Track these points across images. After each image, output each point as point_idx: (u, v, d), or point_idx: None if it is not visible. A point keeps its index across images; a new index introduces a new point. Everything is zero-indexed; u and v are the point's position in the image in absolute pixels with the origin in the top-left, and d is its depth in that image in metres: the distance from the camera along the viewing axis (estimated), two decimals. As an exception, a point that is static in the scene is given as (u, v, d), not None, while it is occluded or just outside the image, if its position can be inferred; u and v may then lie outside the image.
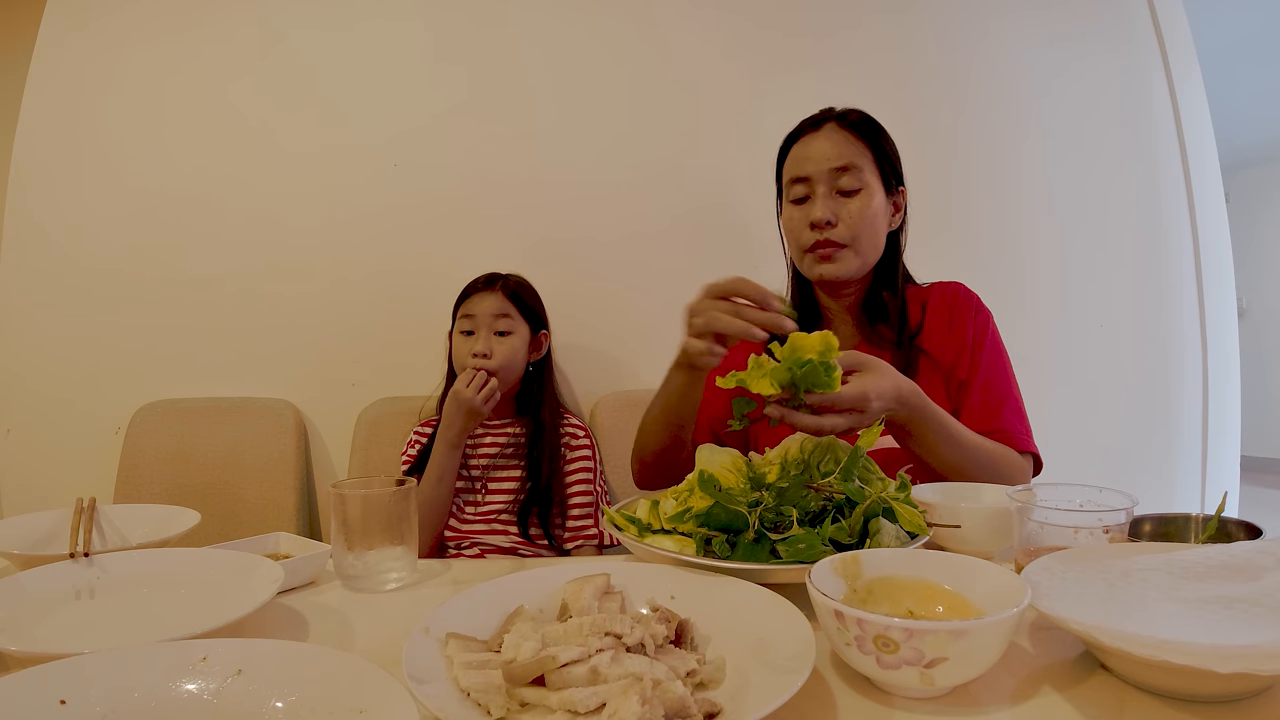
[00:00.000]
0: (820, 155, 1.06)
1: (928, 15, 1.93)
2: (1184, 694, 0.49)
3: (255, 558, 0.73)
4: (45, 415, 1.70)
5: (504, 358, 1.36)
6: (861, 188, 1.05)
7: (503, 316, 1.38)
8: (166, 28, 1.75)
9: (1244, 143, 4.60)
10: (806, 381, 0.75)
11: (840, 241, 1.05)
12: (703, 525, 0.70)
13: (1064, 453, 1.04)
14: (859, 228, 1.05)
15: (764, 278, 1.49)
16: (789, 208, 1.10)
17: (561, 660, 0.47)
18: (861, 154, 1.06)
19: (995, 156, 1.94)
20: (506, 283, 1.42)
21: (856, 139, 1.06)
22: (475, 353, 1.34)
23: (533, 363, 1.44)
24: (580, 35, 1.82)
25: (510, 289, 1.41)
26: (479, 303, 1.39)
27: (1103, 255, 1.97)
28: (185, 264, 1.73)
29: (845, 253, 1.06)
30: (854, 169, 1.05)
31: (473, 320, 1.38)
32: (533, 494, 1.35)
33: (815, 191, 1.06)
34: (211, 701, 0.48)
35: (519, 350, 1.39)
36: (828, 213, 1.04)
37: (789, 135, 1.13)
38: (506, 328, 1.38)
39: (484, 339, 1.36)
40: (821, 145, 1.06)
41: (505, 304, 1.39)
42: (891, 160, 1.09)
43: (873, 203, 1.05)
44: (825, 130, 1.08)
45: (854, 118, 1.08)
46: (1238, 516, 0.75)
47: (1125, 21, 2.02)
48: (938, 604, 0.58)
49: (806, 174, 1.06)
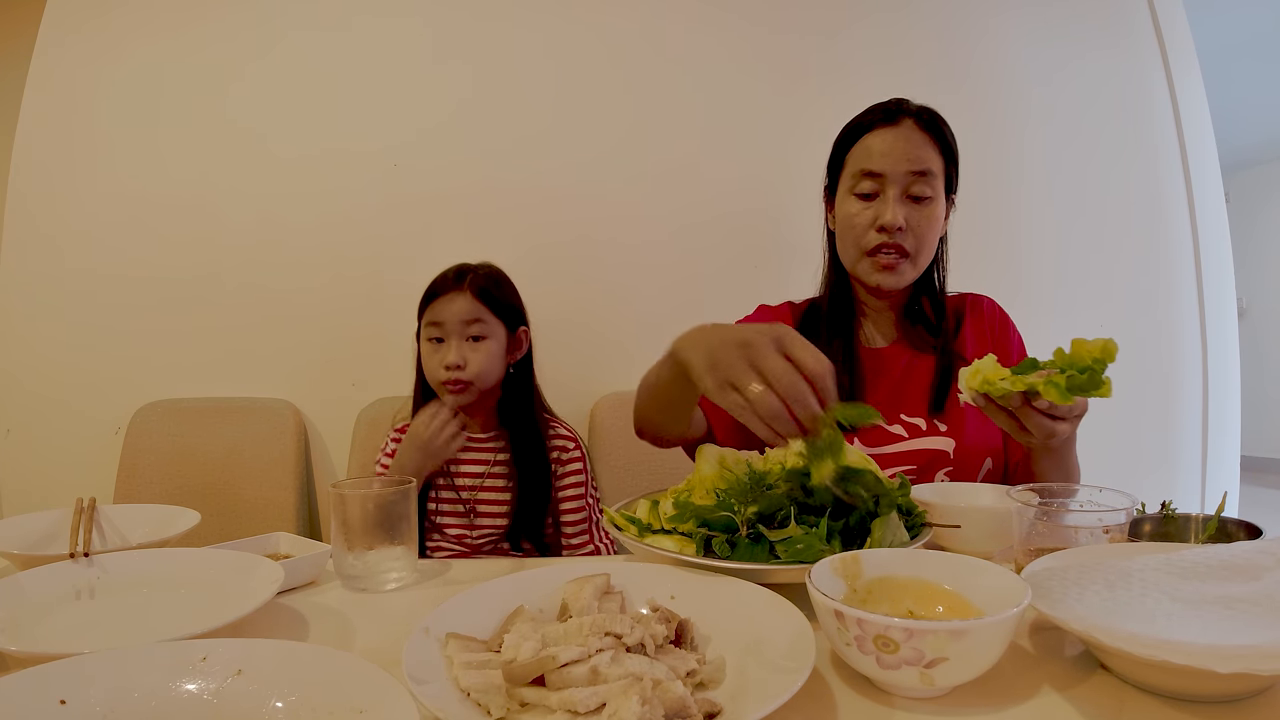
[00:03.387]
0: (899, 154, 1.00)
1: (928, 13, 1.92)
2: (1184, 694, 0.49)
3: (255, 558, 0.73)
4: (45, 416, 1.70)
5: (480, 367, 1.22)
6: (933, 196, 1.01)
7: (475, 321, 1.22)
8: (166, 28, 1.75)
9: (1244, 143, 4.60)
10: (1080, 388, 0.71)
11: (906, 250, 1.01)
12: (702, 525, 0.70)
13: (1064, 453, 1.04)
14: (925, 238, 1.02)
15: (763, 276, 1.48)
16: (853, 201, 1.04)
17: (561, 660, 0.47)
18: (936, 160, 1.02)
19: (995, 156, 1.94)
20: (476, 278, 1.25)
21: (932, 142, 1.02)
22: (447, 364, 1.21)
23: (513, 365, 1.30)
24: (581, 34, 1.82)
25: (480, 286, 1.24)
26: (446, 306, 1.23)
27: (1102, 255, 1.97)
28: (186, 264, 1.73)
29: (906, 263, 1.02)
30: (929, 176, 1.00)
31: (441, 327, 1.23)
32: (525, 518, 1.25)
33: (886, 192, 1.01)
34: (211, 701, 0.48)
35: (496, 356, 1.24)
36: (899, 218, 1.00)
37: (858, 122, 1.07)
38: (480, 332, 1.23)
39: (455, 348, 1.21)
40: (900, 144, 1.01)
41: (476, 306, 1.23)
42: (955, 168, 1.06)
43: (939, 212, 1.03)
44: (904, 127, 1.02)
45: (927, 117, 1.03)
46: (1238, 516, 0.75)
47: (1125, 21, 2.02)
48: (938, 604, 0.58)
49: (881, 170, 1.01)
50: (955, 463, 1.03)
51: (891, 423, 1.05)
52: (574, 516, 1.29)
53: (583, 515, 1.29)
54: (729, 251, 1.81)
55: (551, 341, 1.78)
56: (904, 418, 1.06)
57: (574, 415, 1.74)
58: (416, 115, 1.78)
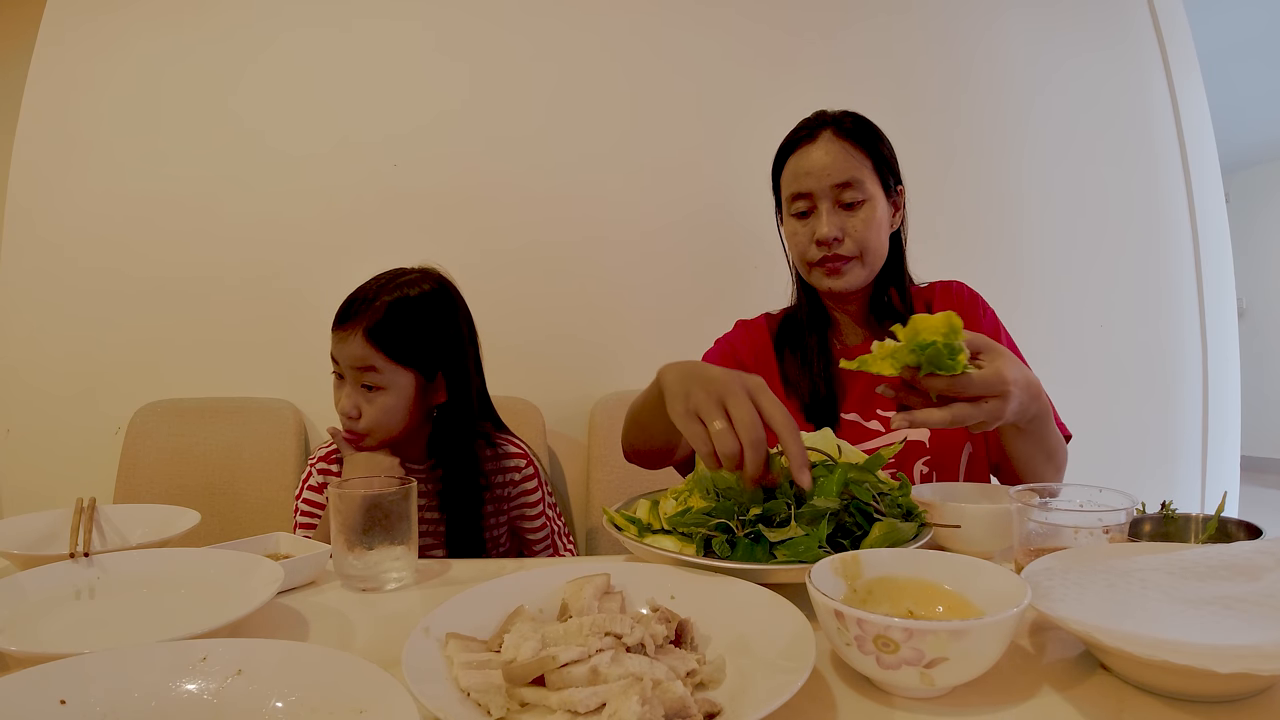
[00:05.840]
0: (820, 170, 1.04)
1: (929, 13, 1.93)
2: (1184, 694, 0.49)
3: (255, 558, 0.73)
4: (45, 415, 1.70)
5: (373, 421, 1.04)
6: (865, 199, 1.04)
7: (367, 369, 1.03)
8: (166, 27, 1.75)
9: (1244, 143, 4.60)
10: (930, 365, 0.70)
11: (847, 255, 1.05)
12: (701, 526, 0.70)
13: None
14: (865, 240, 1.04)
15: (764, 276, 1.49)
16: (791, 221, 1.09)
17: (561, 660, 0.47)
18: (861, 164, 1.04)
19: (994, 155, 1.94)
20: (373, 315, 1.03)
21: (855, 148, 1.05)
22: (342, 411, 1.06)
23: (438, 407, 1.12)
24: (579, 33, 1.82)
25: (374, 328, 1.02)
26: (339, 345, 1.05)
27: (1102, 255, 1.97)
28: (185, 263, 1.73)
29: (852, 265, 1.05)
30: (855, 183, 1.03)
31: (338, 365, 1.07)
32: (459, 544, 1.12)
33: (818, 207, 1.05)
34: (211, 701, 0.48)
35: (395, 410, 1.05)
36: (834, 229, 1.03)
37: (784, 144, 1.11)
38: (374, 382, 1.03)
39: (347, 395, 1.05)
40: (820, 159, 1.04)
41: (368, 352, 1.02)
42: (889, 163, 1.08)
43: (876, 213, 1.05)
44: (822, 141, 1.05)
45: (849, 124, 1.06)
46: (1238, 516, 0.75)
47: (1125, 21, 2.02)
48: (938, 604, 0.58)
49: (807, 190, 1.05)
50: (933, 451, 1.05)
51: (868, 419, 1.08)
52: (537, 535, 1.23)
53: (545, 531, 1.23)
54: (729, 251, 1.81)
55: (551, 342, 1.79)
56: (879, 413, 1.08)
57: (573, 416, 1.74)
58: (416, 114, 1.78)
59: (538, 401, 1.67)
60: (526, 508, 1.22)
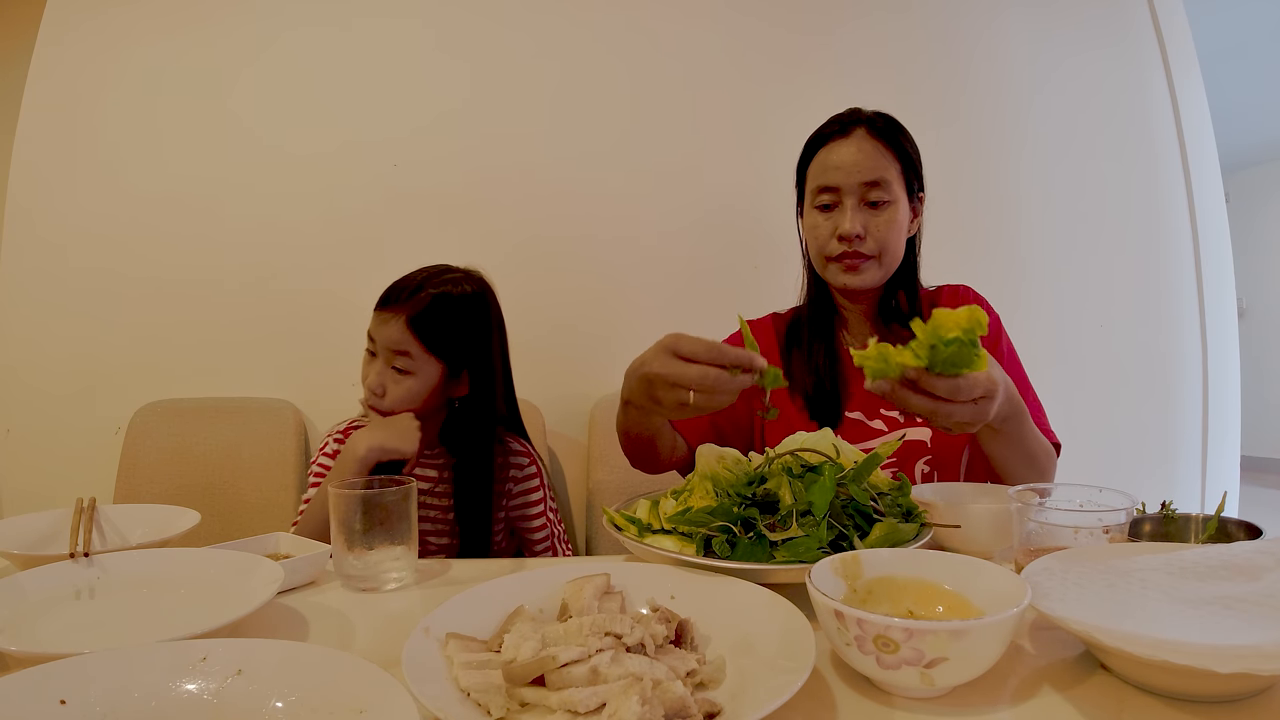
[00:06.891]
0: (851, 166, 1.04)
1: (928, 12, 1.92)
2: (1184, 694, 0.49)
3: (255, 558, 0.73)
4: (45, 415, 1.70)
5: (397, 401, 1.10)
6: (890, 201, 1.05)
7: (400, 354, 1.10)
8: (166, 27, 1.75)
9: (1244, 143, 4.60)
10: (950, 362, 0.68)
11: (867, 254, 1.05)
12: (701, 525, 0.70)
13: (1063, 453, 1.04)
14: (886, 241, 1.05)
15: (764, 276, 1.49)
16: (814, 214, 1.09)
17: (561, 660, 0.47)
18: (890, 165, 1.05)
19: (994, 155, 1.94)
20: (416, 304, 1.10)
21: (886, 149, 1.05)
22: (368, 386, 1.12)
23: (458, 399, 1.17)
24: (580, 31, 1.82)
25: (416, 317, 1.10)
26: (379, 326, 1.12)
27: (1102, 255, 1.97)
28: (185, 263, 1.73)
29: (870, 264, 1.06)
30: (883, 183, 1.04)
31: (373, 343, 1.13)
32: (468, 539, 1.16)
33: (843, 202, 1.05)
34: (211, 701, 0.48)
35: (419, 395, 1.11)
36: (857, 226, 1.04)
37: (815, 137, 1.11)
38: (404, 366, 1.10)
39: (377, 372, 1.11)
40: (851, 155, 1.04)
41: (405, 338, 1.09)
42: (916, 169, 1.09)
43: (899, 215, 1.06)
44: (855, 138, 1.05)
45: (882, 124, 1.07)
46: (1238, 516, 0.75)
47: (1125, 21, 2.02)
48: (938, 604, 0.58)
49: (836, 184, 1.05)
50: (934, 452, 1.06)
51: (872, 418, 1.08)
52: (537, 535, 1.25)
53: (546, 532, 1.25)
54: (730, 250, 1.81)
55: (552, 341, 1.78)
56: (883, 412, 1.08)
57: (574, 415, 1.74)
58: (416, 114, 1.78)
59: (538, 401, 1.67)
60: (528, 506, 1.24)
